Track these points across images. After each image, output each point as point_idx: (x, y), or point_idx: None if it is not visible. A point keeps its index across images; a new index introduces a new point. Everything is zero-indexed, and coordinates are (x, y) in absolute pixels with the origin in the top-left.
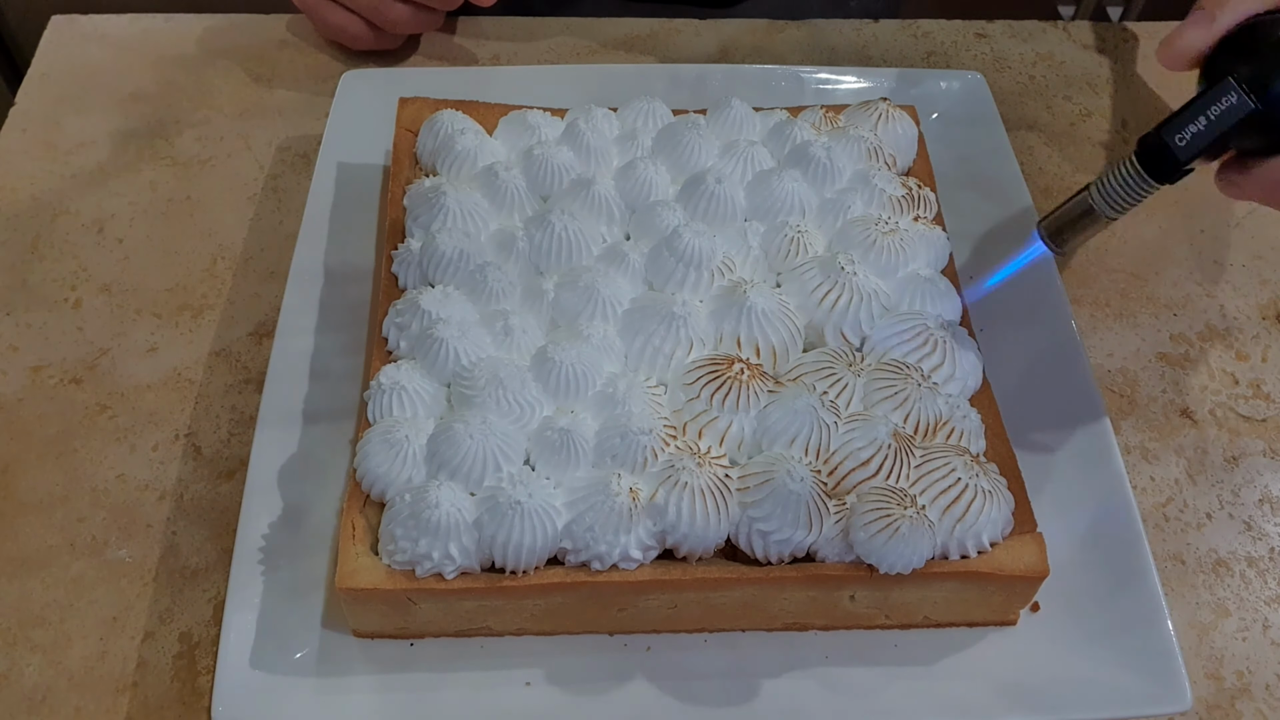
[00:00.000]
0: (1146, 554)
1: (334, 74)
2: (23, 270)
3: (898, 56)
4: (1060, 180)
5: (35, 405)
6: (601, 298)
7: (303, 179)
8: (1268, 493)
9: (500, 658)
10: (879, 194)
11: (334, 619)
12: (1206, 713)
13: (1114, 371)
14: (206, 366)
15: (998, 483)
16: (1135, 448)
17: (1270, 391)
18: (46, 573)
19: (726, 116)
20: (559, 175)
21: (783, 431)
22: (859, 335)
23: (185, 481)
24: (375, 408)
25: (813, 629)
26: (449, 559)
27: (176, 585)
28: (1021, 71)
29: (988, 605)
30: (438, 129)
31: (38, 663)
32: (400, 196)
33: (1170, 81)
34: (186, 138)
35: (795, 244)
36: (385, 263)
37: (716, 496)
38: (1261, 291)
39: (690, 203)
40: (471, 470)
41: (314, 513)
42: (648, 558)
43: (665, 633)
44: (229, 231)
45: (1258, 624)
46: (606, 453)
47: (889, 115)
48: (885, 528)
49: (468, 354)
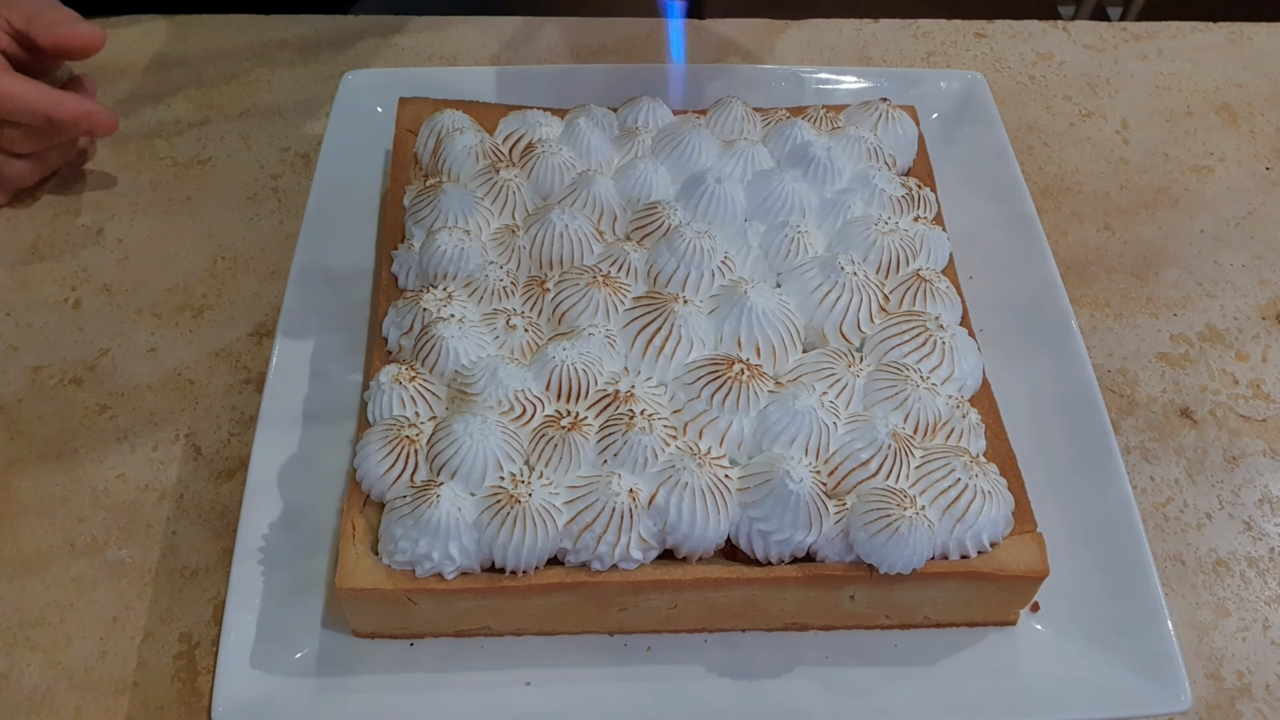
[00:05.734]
0: (1146, 554)
1: (334, 74)
2: (23, 270)
3: (898, 56)
4: (1060, 180)
5: (35, 405)
6: (601, 297)
7: (303, 179)
8: (1268, 493)
9: (500, 658)
10: (879, 194)
11: (334, 619)
12: (1206, 713)
13: (1114, 371)
14: (206, 366)
15: (998, 483)
16: (1135, 448)
17: (1270, 391)
18: (46, 573)
19: (726, 116)
20: (559, 175)
21: (783, 431)
22: (859, 335)
23: (185, 481)
24: (375, 408)
25: (813, 629)
26: (449, 559)
27: (176, 585)
28: (1021, 71)
29: (988, 605)
30: (438, 129)
31: (38, 663)
32: (400, 196)
33: (1170, 81)
34: (186, 138)
35: (795, 244)
36: (385, 263)
37: (716, 496)
38: (1261, 291)
39: (690, 202)
40: (471, 470)
41: (314, 513)
42: (648, 558)
43: (665, 633)
44: (229, 231)
45: (1258, 624)
46: (606, 453)
47: (889, 115)
48: (885, 528)
49: (468, 354)
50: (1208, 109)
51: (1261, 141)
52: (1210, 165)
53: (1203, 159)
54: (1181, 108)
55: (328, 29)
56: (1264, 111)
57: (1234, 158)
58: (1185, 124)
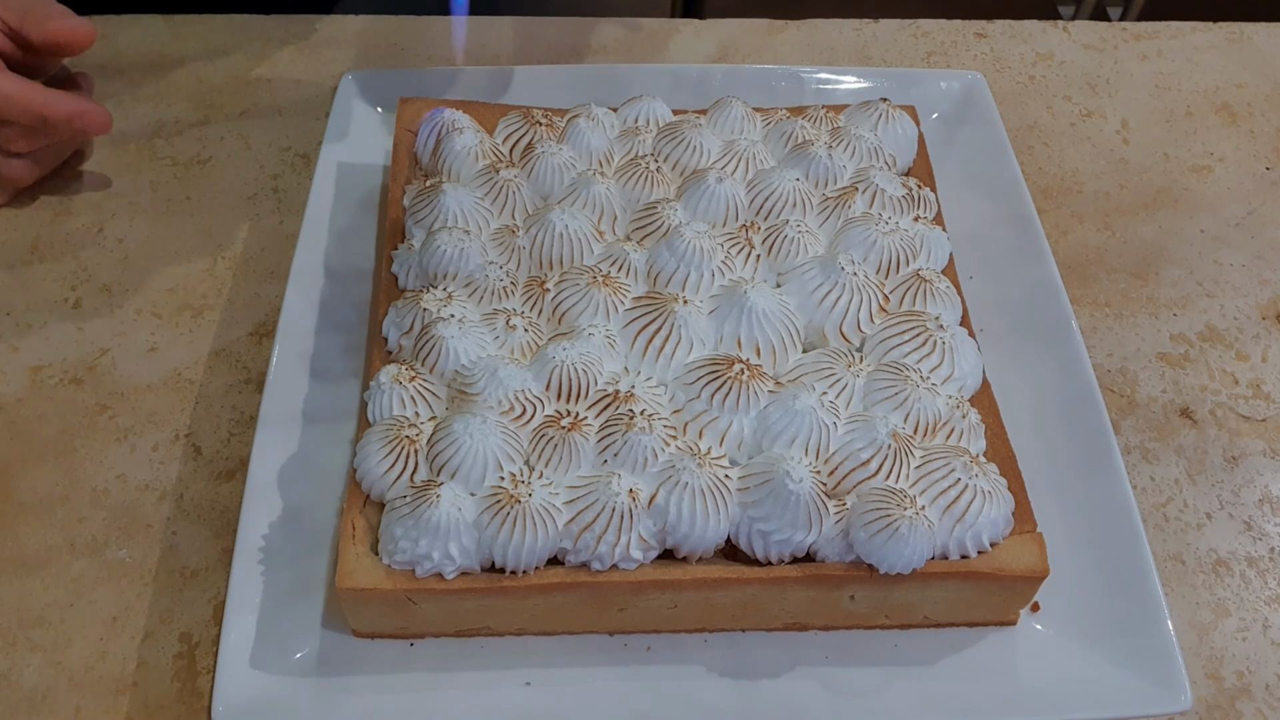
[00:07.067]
0: (1146, 554)
1: (334, 74)
2: (23, 270)
3: (898, 56)
4: (1060, 180)
5: (35, 405)
6: (601, 298)
7: (303, 179)
8: (1268, 493)
9: (500, 658)
10: (879, 194)
11: (334, 619)
12: (1206, 713)
13: (1114, 371)
14: (206, 366)
15: (998, 483)
16: (1135, 448)
17: (1270, 391)
18: (46, 573)
19: (726, 116)
20: (559, 175)
21: (783, 431)
22: (859, 335)
23: (185, 481)
24: (375, 408)
25: (813, 629)
26: (449, 559)
27: (176, 585)
28: (1021, 71)
29: (988, 605)
30: (438, 128)
31: (38, 663)
32: (400, 196)
33: (1170, 81)
34: (186, 138)
35: (795, 244)
36: (385, 263)
37: (716, 496)
38: (1261, 291)
39: (690, 202)
40: (471, 470)
41: (314, 513)
42: (648, 558)
43: (665, 633)
44: (229, 231)
45: (1258, 624)
46: (606, 453)
47: (889, 115)
48: (885, 528)
49: (468, 354)
50: (1208, 109)
51: (1261, 141)
52: (1210, 165)
53: (1203, 159)
54: (1181, 108)
55: (328, 29)
56: (1264, 111)
57: (1234, 158)
58: (1185, 124)
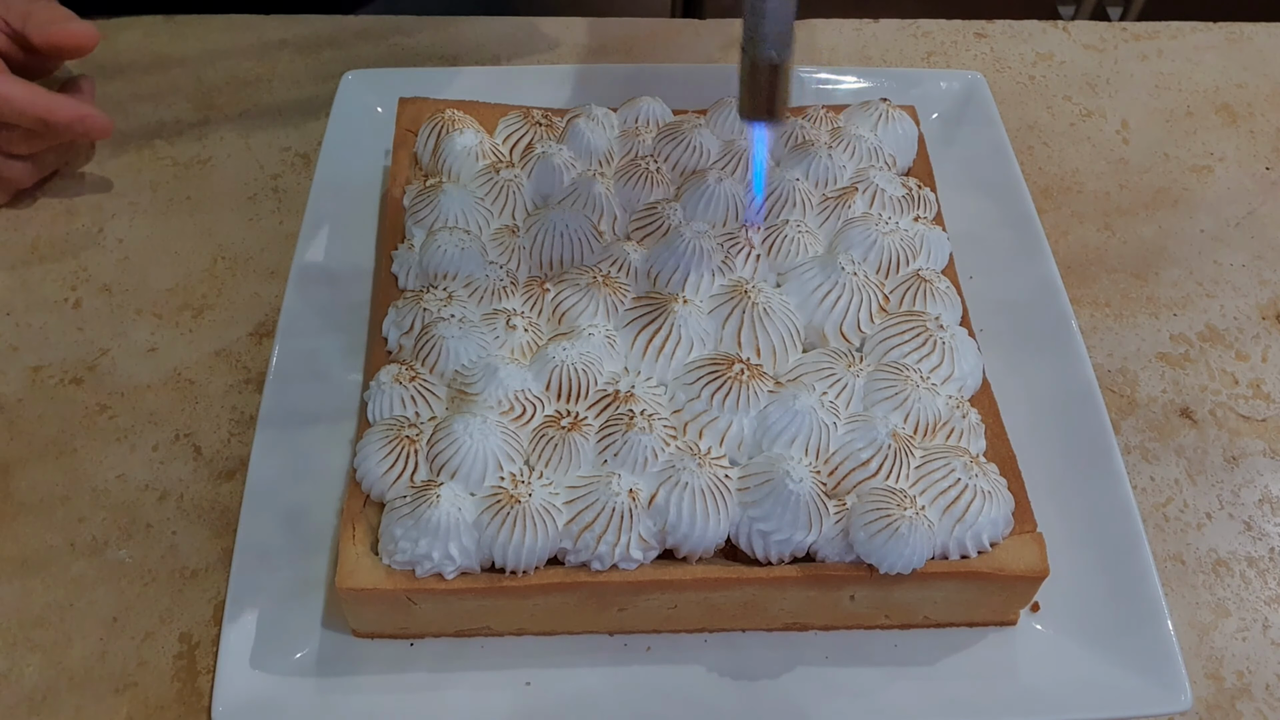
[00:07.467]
0: (1146, 554)
1: (334, 74)
2: (23, 270)
3: (898, 56)
4: (1060, 180)
5: (35, 405)
6: (601, 297)
7: (303, 179)
8: (1268, 493)
9: (500, 658)
10: (879, 194)
11: (334, 619)
12: (1206, 713)
13: (1114, 371)
14: (206, 366)
15: (998, 483)
16: (1135, 448)
17: (1270, 391)
18: (46, 573)
19: (726, 116)
20: (559, 175)
21: (783, 431)
22: (859, 335)
23: (185, 481)
24: (375, 408)
25: (813, 629)
26: (449, 559)
27: (176, 585)
28: (1021, 71)
29: (988, 605)
30: (438, 129)
31: (38, 663)
32: (400, 196)
33: (1170, 81)
34: (186, 138)
35: (795, 244)
36: (385, 263)
37: (716, 496)
38: (1261, 291)
39: (690, 202)
40: (471, 470)
41: (314, 513)
42: (648, 558)
43: (665, 633)
44: (229, 231)
45: (1258, 624)
46: (606, 453)
47: (889, 115)
48: (885, 528)
49: (468, 354)
50: (1208, 109)
51: (1261, 141)
52: (1210, 165)
53: (1203, 159)
54: (1181, 108)
55: (328, 29)
56: (1264, 111)
57: (1234, 158)
58: (1185, 124)
